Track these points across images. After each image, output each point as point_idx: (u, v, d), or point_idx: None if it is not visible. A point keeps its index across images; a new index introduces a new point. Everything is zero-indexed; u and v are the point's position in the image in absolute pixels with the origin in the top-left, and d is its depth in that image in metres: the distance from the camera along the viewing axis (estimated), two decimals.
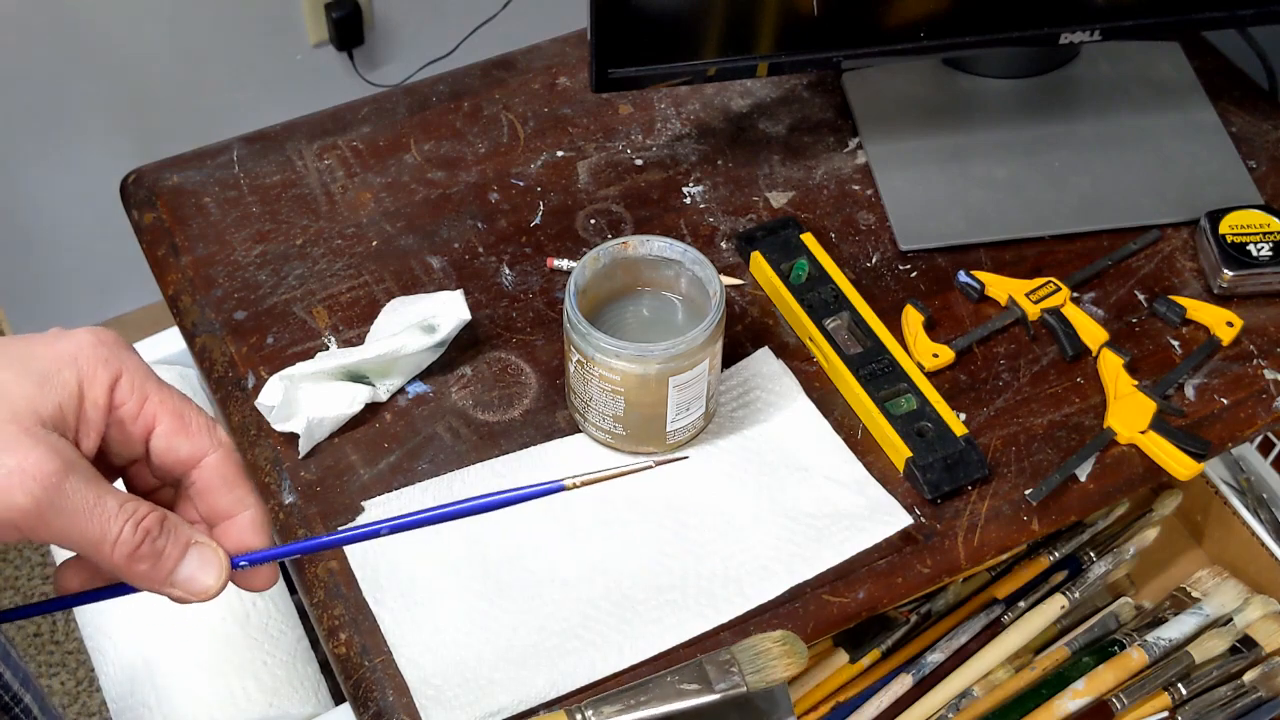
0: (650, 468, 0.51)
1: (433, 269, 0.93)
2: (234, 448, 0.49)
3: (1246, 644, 0.90)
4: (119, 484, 0.49)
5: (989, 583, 0.94)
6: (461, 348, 0.88)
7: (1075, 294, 0.91)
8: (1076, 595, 0.91)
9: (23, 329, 1.63)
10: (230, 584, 0.49)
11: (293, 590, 0.93)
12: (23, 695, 0.56)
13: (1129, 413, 0.83)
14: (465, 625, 0.76)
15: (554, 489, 0.52)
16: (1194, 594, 0.95)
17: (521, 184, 0.98)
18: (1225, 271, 0.89)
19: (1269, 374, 0.87)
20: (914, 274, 0.93)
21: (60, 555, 0.94)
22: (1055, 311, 0.89)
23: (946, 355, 0.87)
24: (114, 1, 1.54)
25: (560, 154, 1.00)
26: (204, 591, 0.47)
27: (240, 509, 0.48)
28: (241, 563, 0.48)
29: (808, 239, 0.91)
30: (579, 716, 0.68)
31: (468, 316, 0.85)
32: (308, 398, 0.83)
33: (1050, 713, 0.88)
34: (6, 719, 0.54)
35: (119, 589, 0.50)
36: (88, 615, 0.93)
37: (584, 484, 0.52)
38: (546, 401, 0.86)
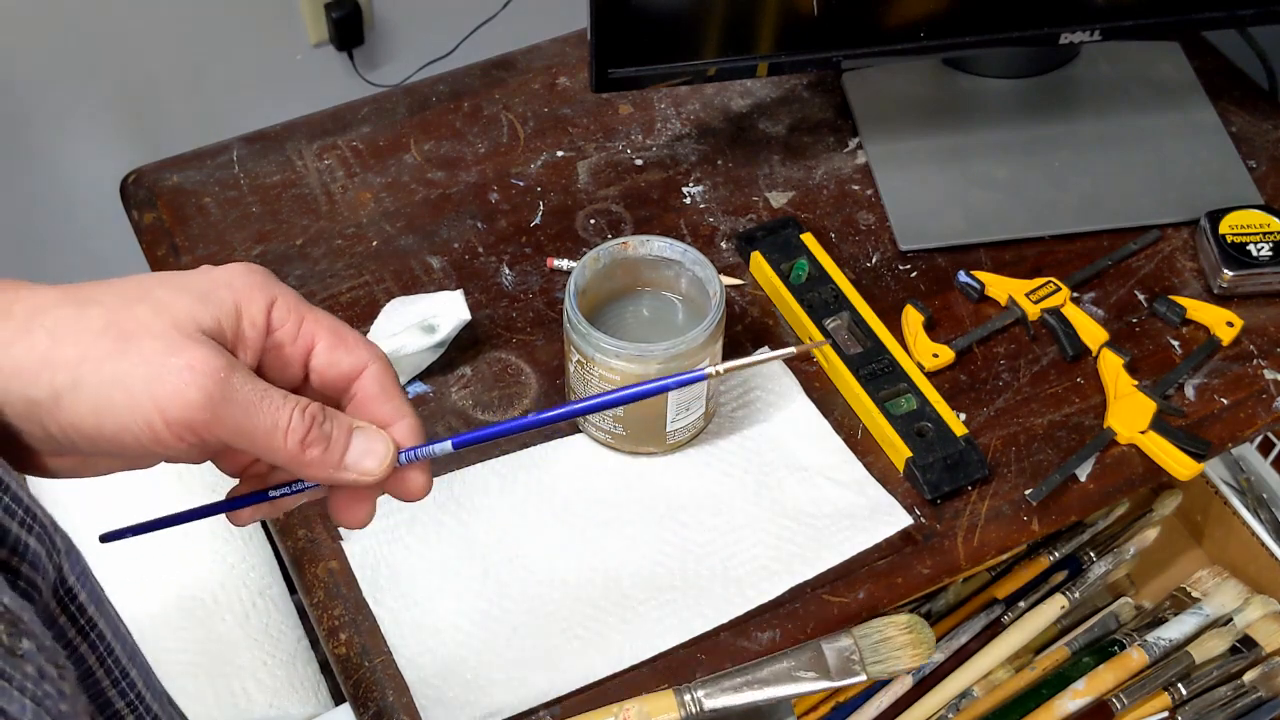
0: (794, 354, 0.52)
1: (433, 269, 0.93)
2: (388, 360, 0.50)
3: (1246, 644, 0.90)
4: None
5: (989, 583, 0.94)
6: (461, 348, 0.88)
7: (1075, 294, 0.91)
8: (1076, 595, 0.91)
9: None
10: (341, 522, 0.50)
11: (293, 590, 0.93)
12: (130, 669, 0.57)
13: (1129, 413, 0.83)
14: (465, 625, 0.76)
15: (698, 377, 0.52)
16: (1194, 594, 0.95)
17: (521, 184, 0.98)
18: (1225, 271, 0.89)
19: (1269, 374, 0.87)
20: (914, 274, 0.92)
21: None
22: (1055, 311, 0.89)
23: (946, 355, 0.87)
24: (114, 1, 1.54)
25: (560, 154, 1.00)
26: (376, 467, 0.48)
27: (399, 417, 0.49)
28: (407, 456, 0.49)
29: (808, 239, 0.91)
30: (687, 696, 0.67)
31: (468, 316, 0.85)
32: None
33: (1050, 713, 0.88)
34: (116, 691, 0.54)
35: (258, 495, 0.51)
36: None
37: (728, 370, 0.52)
38: (546, 401, 0.86)
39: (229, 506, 0.52)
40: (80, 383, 0.43)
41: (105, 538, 0.52)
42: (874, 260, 0.93)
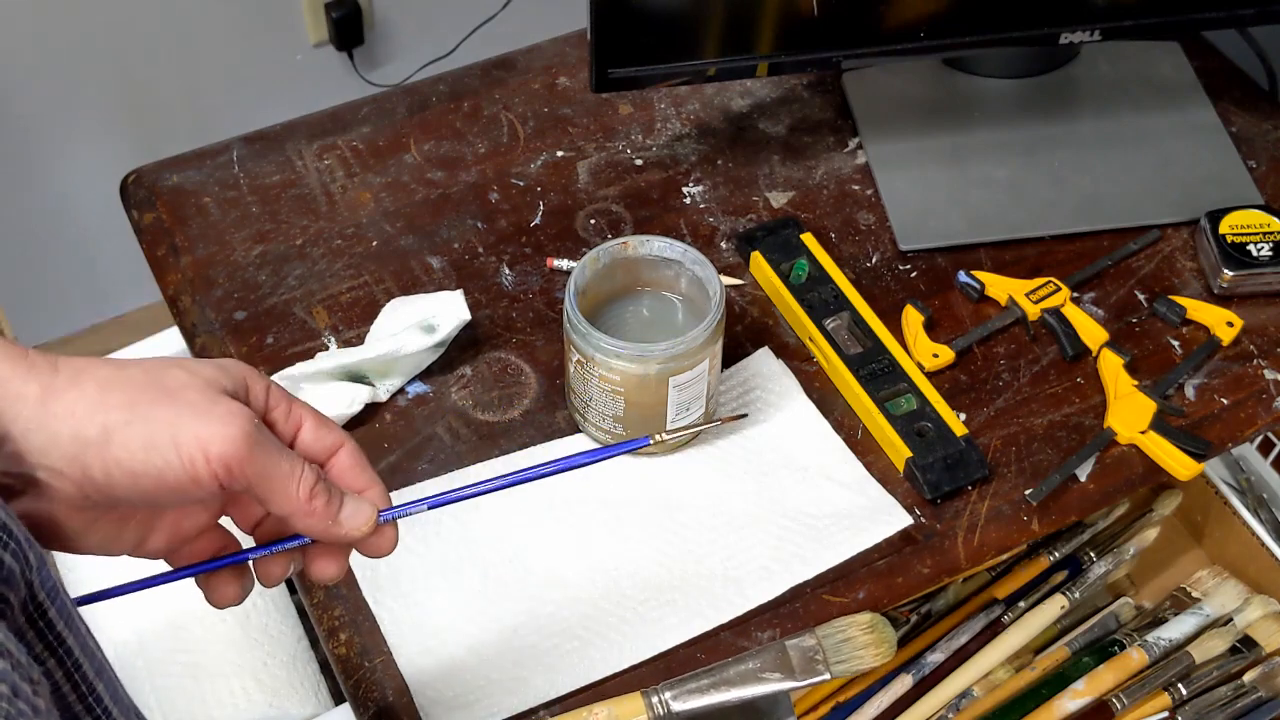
0: (720, 423, 0.60)
1: (433, 269, 0.93)
2: (356, 445, 0.58)
3: (1246, 644, 0.90)
4: None
5: (989, 583, 0.94)
6: (461, 348, 0.88)
7: (1075, 294, 0.91)
8: (1076, 595, 0.91)
9: (23, 329, 1.63)
10: (316, 576, 0.58)
11: (293, 590, 0.93)
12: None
13: (1129, 413, 0.83)
14: (465, 626, 0.76)
15: (642, 442, 0.60)
16: (1194, 594, 0.95)
17: (521, 184, 0.98)
18: (1225, 271, 0.89)
19: (1269, 374, 0.87)
20: (914, 274, 0.92)
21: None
22: (1055, 311, 0.89)
23: (946, 355, 0.87)
24: (114, 2, 1.54)
25: (560, 154, 1.00)
26: (362, 525, 0.55)
27: (372, 484, 0.57)
28: (385, 516, 0.57)
29: (808, 239, 0.91)
30: (655, 699, 0.67)
31: (468, 316, 0.85)
32: (307, 398, 0.83)
33: (1050, 713, 0.88)
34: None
35: (230, 558, 0.57)
36: (87, 614, 0.93)
37: (671, 437, 0.63)
38: (546, 401, 0.86)
39: (208, 567, 0.57)
40: (132, 421, 0.49)
41: (80, 601, 0.56)
42: (874, 260, 0.93)
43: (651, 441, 0.59)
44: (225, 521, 0.59)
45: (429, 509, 0.58)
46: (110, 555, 0.55)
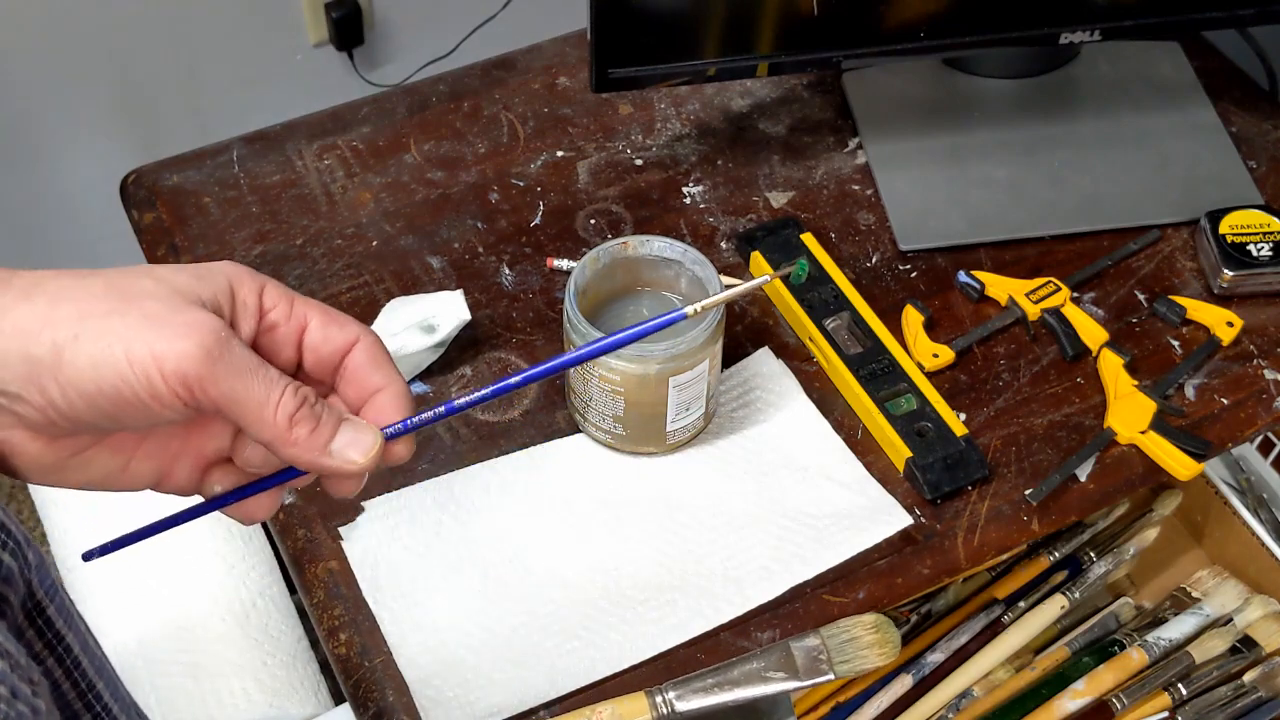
0: (768, 280, 0.53)
1: (433, 269, 0.93)
2: (379, 336, 0.51)
3: (1246, 644, 0.90)
4: None
5: (989, 583, 0.94)
6: (461, 348, 0.88)
7: (1075, 294, 0.91)
8: (1076, 595, 0.91)
9: None
10: (333, 490, 0.51)
11: (293, 590, 0.93)
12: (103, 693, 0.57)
13: (1129, 413, 0.83)
14: (465, 625, 0.76)
15: (677, 317, 0.54)
16: (1194, 594, 0.95)
17: (521, 184, 0.98)
18: (1225, 271, 0.89)
19: (1269, 374, 0.87)
20: (914, 274, 0.92)
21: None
22: (1055, 311, 0.89)
23: (946, 355, 0.87)
24: (114, 1, 1.54)
25: (560, 154, 1.00)
26: (359, 459, 0.48)
27: (388, 383, 0.50)
28: (388, 432, 0.50)
29: (808, 239, 0.91)
30: (659, 698, 0.67)
31: (468, 316, 0.85)
32: None
33: (1050, 713, 0.88)
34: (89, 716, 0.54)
35: (256, 486, 0.51)
36: (86, 614, 0.93)
37: (704, 308, 0.54)
38: (546, 401, 0.86)
39: (210, 508, 0.52)
40: (81, 336, 0.44)
41: (88, 555, 0.52)
42: (874, 260, 0.93)
43: (687, 314, 0.53)
44: None
45: (446, 413, 0.52)
46: (123, 489, 0.50)
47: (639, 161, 0.99)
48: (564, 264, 0.92)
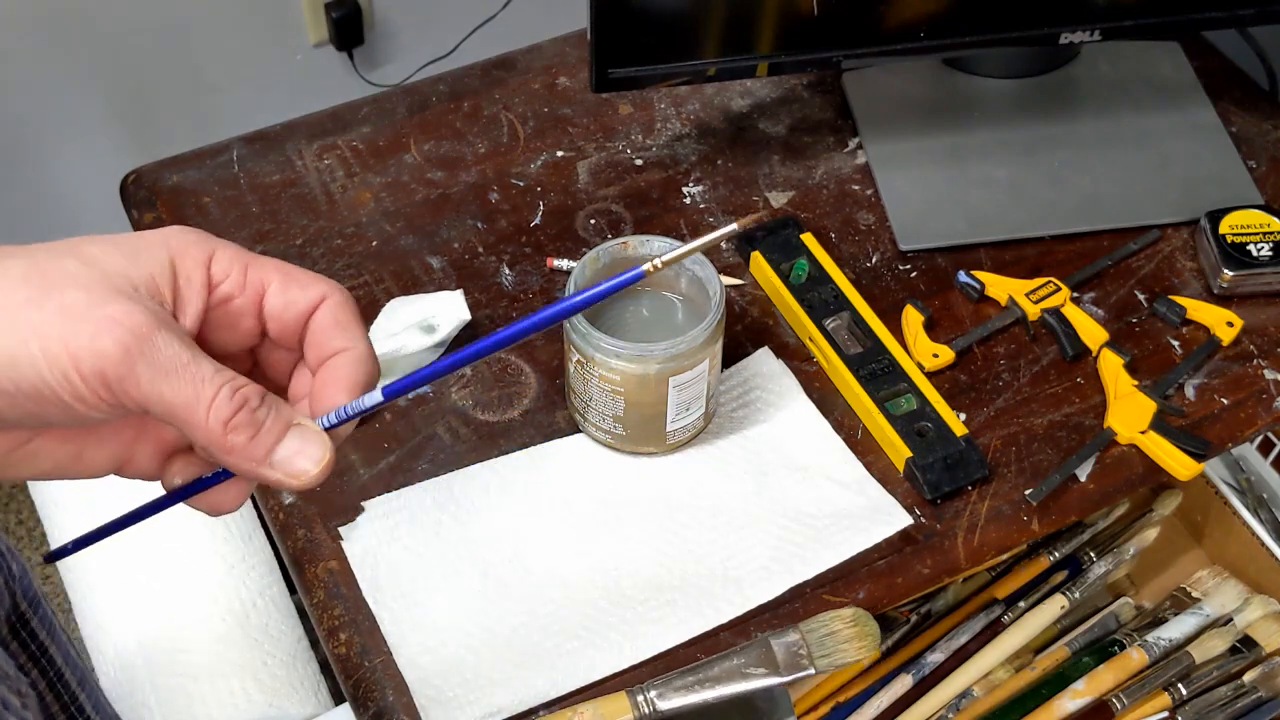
0: (736, 231, 0.46)
1: (433, 269, 0.93)
2: (349, 294, 0.47)
3: (1246, 644, 0.90)
4: None
5: (989, 583, 0.94)
6: (461, 348, 0.88)
7: (1075, 294, 0.91)
8: (1076, 595, 0.91)
9: None
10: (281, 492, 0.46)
11: (293, 590, 0.93)
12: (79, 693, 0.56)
13: (1129, 413, 0.83)
14: (465, 625, 0.76)
15: (635, 275, 0.46)
16: (1194, 594, 0.95)
17: (521, 184, 0.98)
18: (1225, 271, 0.89)
19: (1269, 374, 0.87)
20: (914, 274, 0.92)
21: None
22: (1055, 311, 0.89)
23: (946, 355, 0.86)
24: (114, 2, 1.54)
25: (560, 154, 1.00)
26: (304, 473, 0.44)
27: (349, 346, 0.46)
28: (323, 421, 0.45)
29: (808, 239, 0.91)
30: (640, 697, 0.67)
31: (468, 316, 0.85)
32: None
33: (1050, 713, 0.88)
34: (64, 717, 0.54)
35: (220, 475, 0.47)
36: (86, 614, 0.93)
37: (665, 264, 0.46)
38: (546, 401, 0.86)
39: (172, 501, 0.48)
40: None
41: (49, 557, 0.49)
42: (874, 260, 0.93)
43: (645, 271, 0.46)
44: None
45: (384, 398, 0.46)
46: (81, 477, 0.46)
47: (639, 161, 0.99)
48: (564, 264, 0.92)
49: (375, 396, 0.46)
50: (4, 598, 0.47)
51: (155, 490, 0.49)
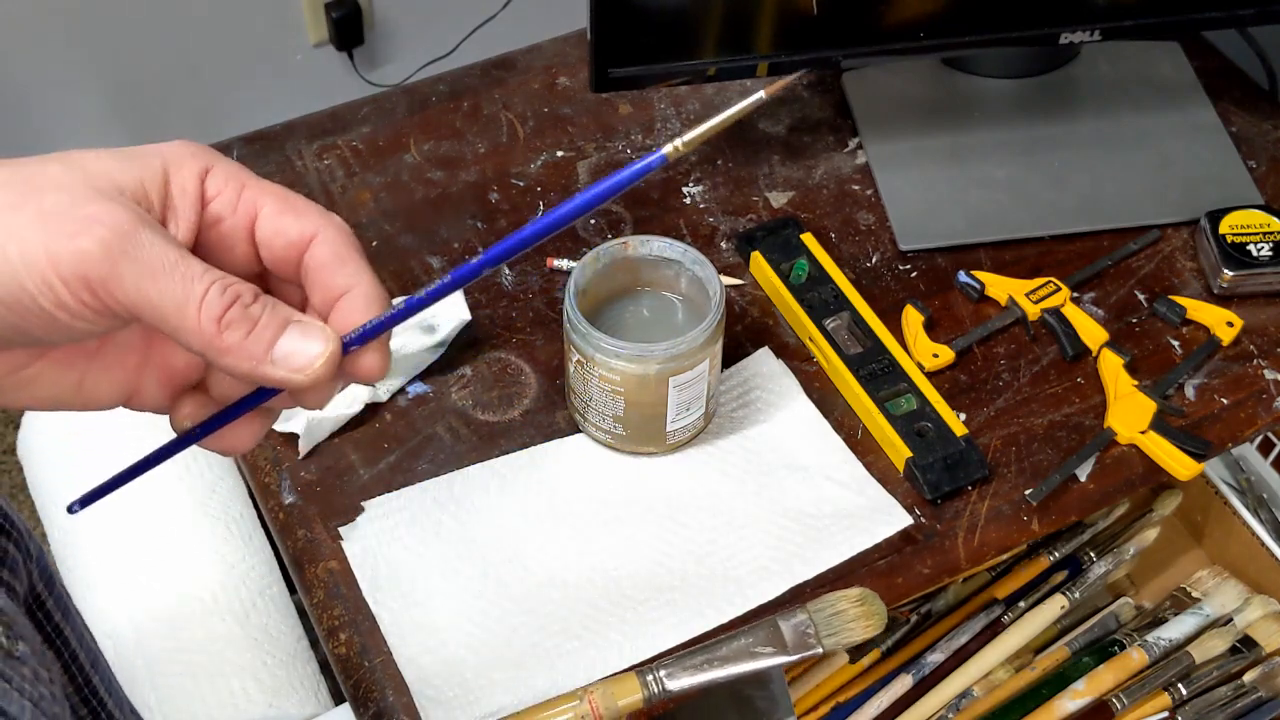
0: (763, 100, 0.42)
1: (433, 269, 0.93)
2: (347, 227, 0.44)
3: (1246, 644, 0.90)
4: None
5: (989, 583, 0.94)
6: (461, 348, 0.88)
7: (1075, 294, 0.91)
8: (1076, 595, 0.91)
9: None
10: (327, 397, 0.43)
11: (293, 590, 0.93)
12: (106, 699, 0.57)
13: (1129, 413, 0.83)
14: (465, 625, 0.76)
15: (658, 158, 0.42)
16: (1194, 594, 0.95)
17: (521, 184, 0.98)
18: (1225, 271, 0.89)
19: (1269, 374, 0.87)
20: (914, 274, 0.92)
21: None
22: (1055, 311, 0.89)
23: (946, 355, 0.87)
24: (114, 1, 1.54)
25: (560, 154, 1.00)
26: (308, 366, 0.41)
27: (354, 283, 0.43)
28: (351, 344, 0.43)
29: (808, 239, 0.91)
30: (650, 677, 0.67)
31: (468, 316, 0.85)
32: None
33: (1050, 713, 0.88)
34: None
35: (230, 412, 0.44)
36: (86, 614, 0.93)
37: (688, 143, 0.42)
38: (546, 401, 0.86)
39: (184, 444, 0.45)
40: None
41: (73, 507, 0.47)
42: (874, 260, 0.93)
43: (667, 156, 0.42)
44: None
45: (408, 309, 0.44)
46: (88, 409, 0.44)
47: None
48: (564, 264, 0.92)
49: (395, 310, 0.44)
50: (23, 576, 0.47)
51: (158, 497, 0.48)
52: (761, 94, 0.43)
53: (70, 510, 0.47)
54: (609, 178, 0.42)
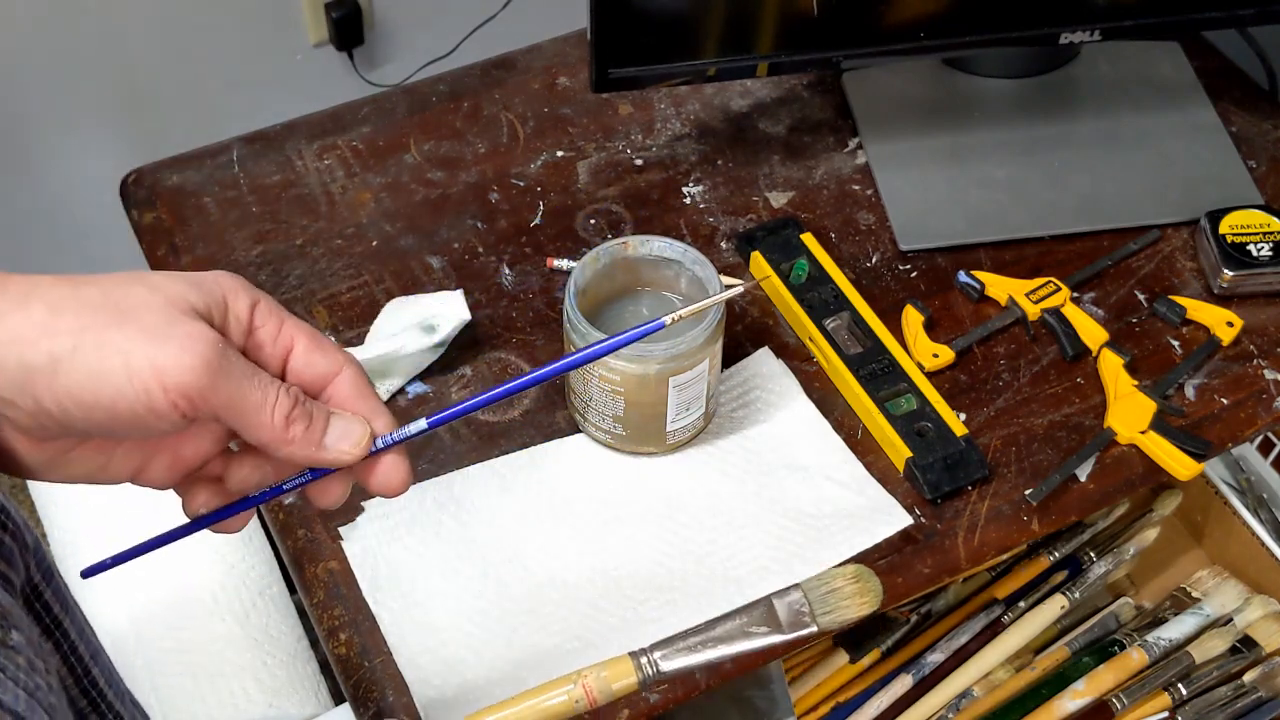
0: (742, 291, 0.53)
1: (433, 269, 0.93)
2: (362, 367, 0.52)
3: (1246, 644, 0.90)
4: None
5: (989, 583, 0.94)
6: (461, 348, 0.88)
7: (1075, 294, 0.91)
8: (1076, 595, 0.91)
9: None
10: (317, 500, 0.52)
11: (293, 590, 0.93)
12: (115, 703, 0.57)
13: (1129, 413, 0.83)
14: (465, 625, 0.76)
15: (657, 326, 0.54)
16: (1194, 594, 0.95)
17: (521, 184, 0.98)
18: (1225, 271, 0.89)
19: (1269, 374, 0.87)
20: (914, 274, 0.93)
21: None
22: (1055, 311, 0.89)
23: (946, 355, 0.87)
24: (114, 1, 1.54)
25: (560, 154, 1.00)
26: (351, 448, 0.50)
27: (374, 416, 0.52)
28: (383, 441, 0.52)
29: (808, 239, 0.91)
30: (644, 660, 0.67)
31: (468, 316, 0.85)
32: None
33: (1050, 713, 0.88)
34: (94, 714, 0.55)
35: (282, 486, 0.53)
36: (86, 614, 0.93)
37: (683, 316, 0.54)
38: (546, 401, 0.86)
39: (215, 519, 0.53)
40: (80, 348, 0.44)
41: (86, 573, 0.53)
42: (874, 260, 0.93)
43: (666, 324, 0.54)
44: None
45: (429, 427, 0.54)
46: (103, 484, 0.51)
47: (639, 161, 0.99)
48: (564, 264, 0.92)
49: (420, 424, 0.53)
50: (20, 567, 0.48)
51: (156, 499, 0.54)
52: (741, 287, 0.57)
53: (84, 575, 0.53)
54: (603, 341, 0.55)
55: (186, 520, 0.53)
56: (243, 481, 0.52)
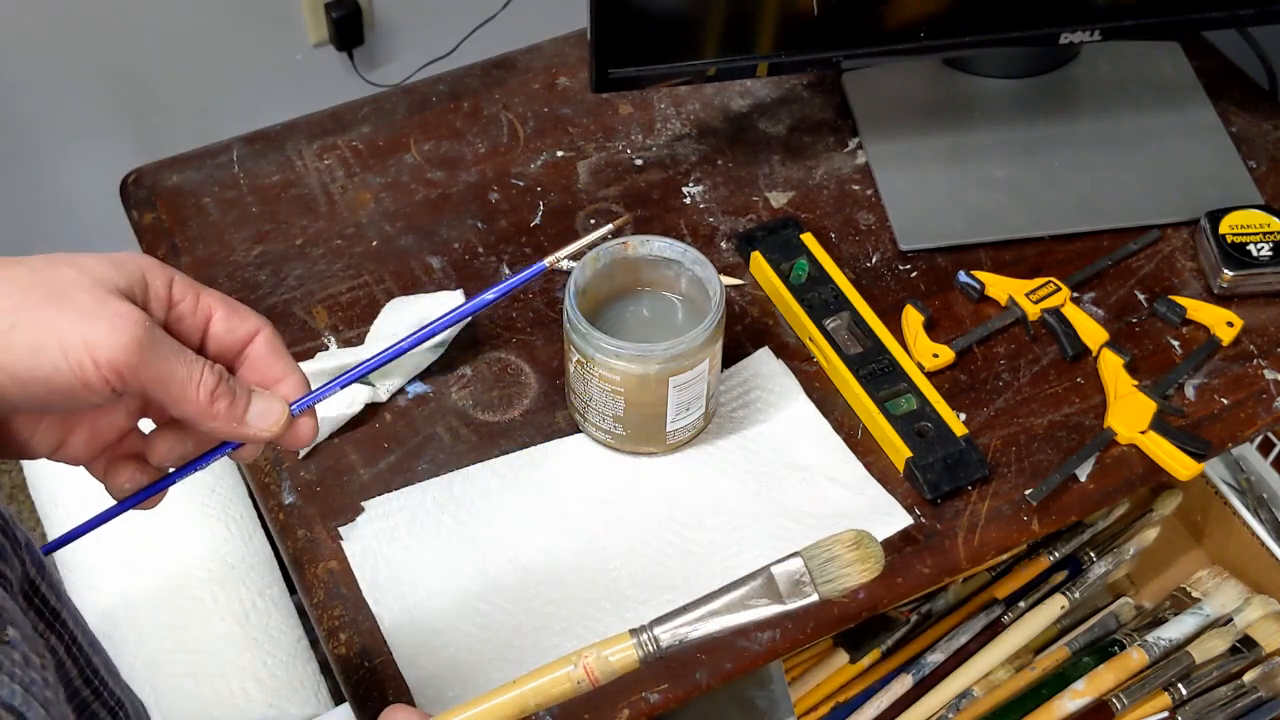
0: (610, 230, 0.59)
1: (433, 269, 0.93)
2: (274, 328, 0.56)
3: (1246, 644, 0.90)
4: None
5: (989, 583, 0.95)
6: (461, 348, 0.88)
7: (1075, 294, 0.91)
8: (1076, 595, 0.91)
9: None
10: (278, 446, 0.56)
11: (293, 590, 0.93)
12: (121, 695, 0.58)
13: (1129, 413, 0.83)
14: (465, 625, 0.76)
15: (537, 270, 0.62)
16: (1194, 594, 0.95)
17: (521, 184, 0.98)
18: (1225, 271, 0.89)
19: (1269, 374, 0.87)
20: (914, 274, 0.92)
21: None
22: (1055, 311, 0.89)
23: (946, 355, 0.87)
24: (114, 1, 1.54)
25: (560, 154, 1.00)
26: (271, 426, 0.54)
27: (287, 374, 0.55)
28: (294, 407, 0.55)
29: (808, 239, 0.91)
30: (644, 636, 0.67)
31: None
32: None
33: (1050, 713, 0.88)
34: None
35: (200, 461, 0.56)
36: (86, 614, 0.93)
37: (560, 257, 0.60)
38: (546, 401, 0.86)
39: (141, 497, 0.56)
40: (18, 325, 0.47)
41: (47, 549, 0.56)
42: (874, 260, 0.93)
43: (546, 266, 0.61)
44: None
45: (340, 388, 0.58)
46: (22, 458, 0.54)
47: (639, 161, 0.99)
48: (564, 264, 0.92)
49: (331, 389, 0.57)
50: (13, 562, 0.48)
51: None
52: (609, 226, 0.62)
53: (44, 552, 0.55)
54: (495, 286, 0.63)
55: (115, 502, 0.57)
56: (164, 455, 0.55)
